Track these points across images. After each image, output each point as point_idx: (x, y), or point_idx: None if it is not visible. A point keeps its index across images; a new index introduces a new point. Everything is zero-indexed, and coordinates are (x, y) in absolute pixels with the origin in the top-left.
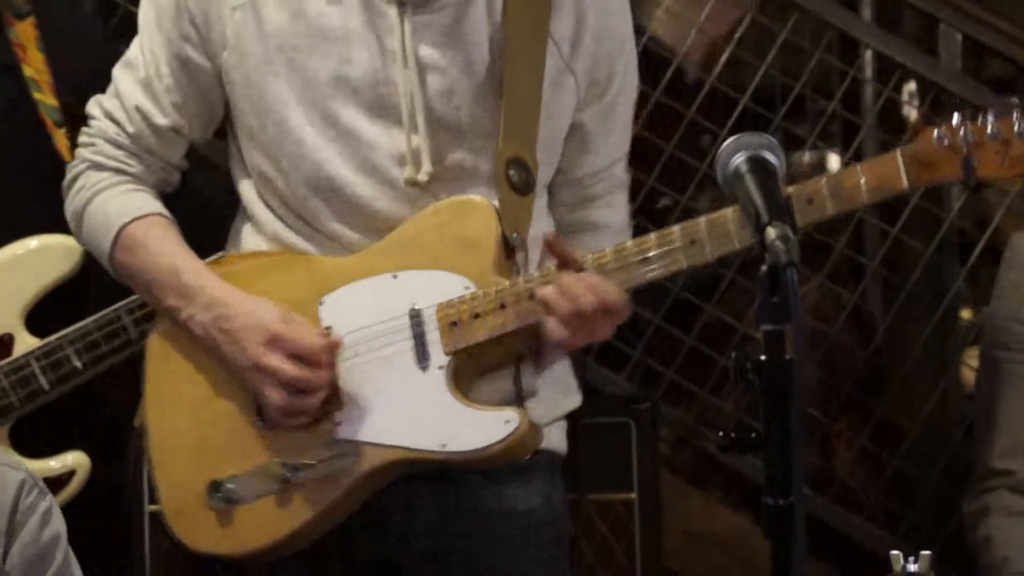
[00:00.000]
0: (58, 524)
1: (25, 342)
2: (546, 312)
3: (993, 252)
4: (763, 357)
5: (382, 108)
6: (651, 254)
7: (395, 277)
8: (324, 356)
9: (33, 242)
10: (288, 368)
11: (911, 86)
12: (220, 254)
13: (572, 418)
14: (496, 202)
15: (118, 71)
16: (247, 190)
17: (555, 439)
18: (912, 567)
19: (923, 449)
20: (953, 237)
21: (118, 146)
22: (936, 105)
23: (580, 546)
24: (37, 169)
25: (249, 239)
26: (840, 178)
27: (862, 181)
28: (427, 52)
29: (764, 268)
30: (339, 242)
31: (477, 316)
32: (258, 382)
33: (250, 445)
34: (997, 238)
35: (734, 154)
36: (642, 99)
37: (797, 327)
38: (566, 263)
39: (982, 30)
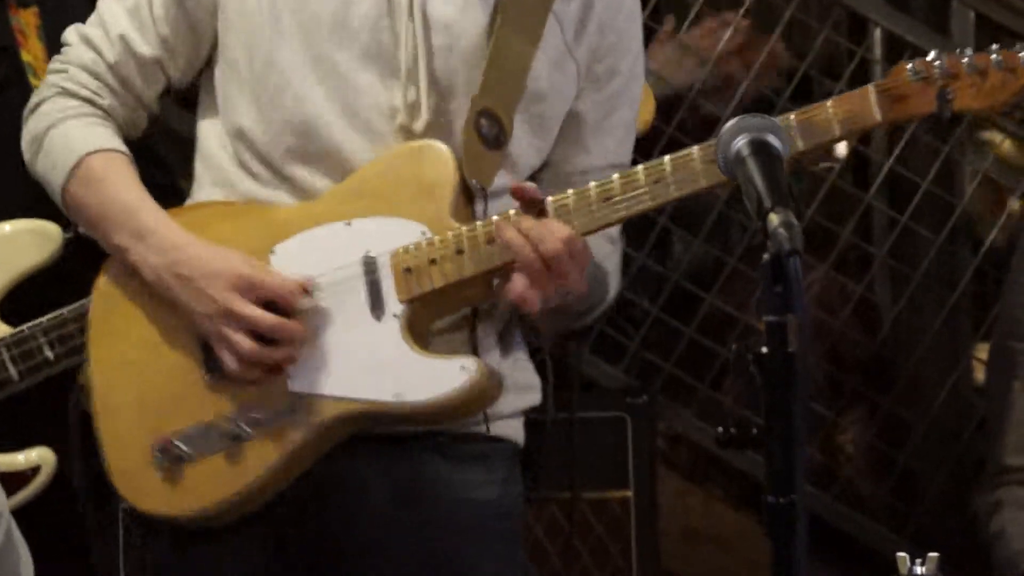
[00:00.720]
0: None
1: None
2: (506, 257)
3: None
4: (765, 349)
5: (379, 57)
6: (615, 195)
7: (349, 224)
8: (296, 300)
9: (7, 227)
10: (264, 316)
11: None
12: None
13: (565, 412)
14: (460, 150)
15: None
16: (209, 133)
17: (515, 429)
18: (919, 569)
19: (932, 445)
20: (964, 225)
21: (93, 75)
22: None
23: (575, 546)
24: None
25: (199, 190)
26: (810, 113)
27: (832, 114)
28: (436, 8)
29: (767, 256)
30: (303, 188)
31: (433, 262)
32: (222, 329)
33: (197, 399)
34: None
35: (735, 137)
36: None
37: (801, 318)
38: (530, 205)
39: (995, 8)
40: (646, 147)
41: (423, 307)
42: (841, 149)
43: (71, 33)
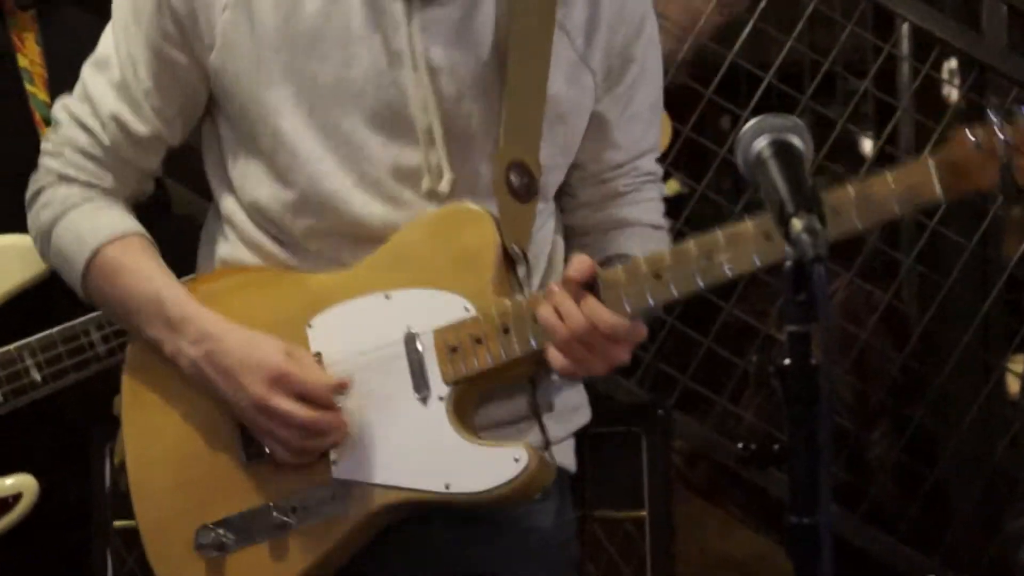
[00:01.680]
0: None
1: None
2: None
3: None
4: (787, 361)
5: (389, 117)
6: (663, 271)
7: (388, 297)
8: (331, 400)
9: None
10: (299, 411)
11: (952, 64)
12: (190, 277)
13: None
14: (495, 211)
15: (88, 72)
16: (228, 203)
17: (567, 456)
18: None
19: (963, 462)
20: (997, 230)
21: (89, 157)
22: (979, 85)
23: (586, 568)
24: (17, 162)
25: (227, 248)
26: (869, 186)
27: (892, 189)
28: (438, 52)
29: (789, 263)
30: (332, 261)
31: (478, 341)
32: (263, 423)
33: (238, 485)
34: None
35: (756, 137)
36: None
37: (825, 328)
38: (574, 281)
39: None
40: None
41: (470, 387)
42: (866, 150)
43: (59, 110)
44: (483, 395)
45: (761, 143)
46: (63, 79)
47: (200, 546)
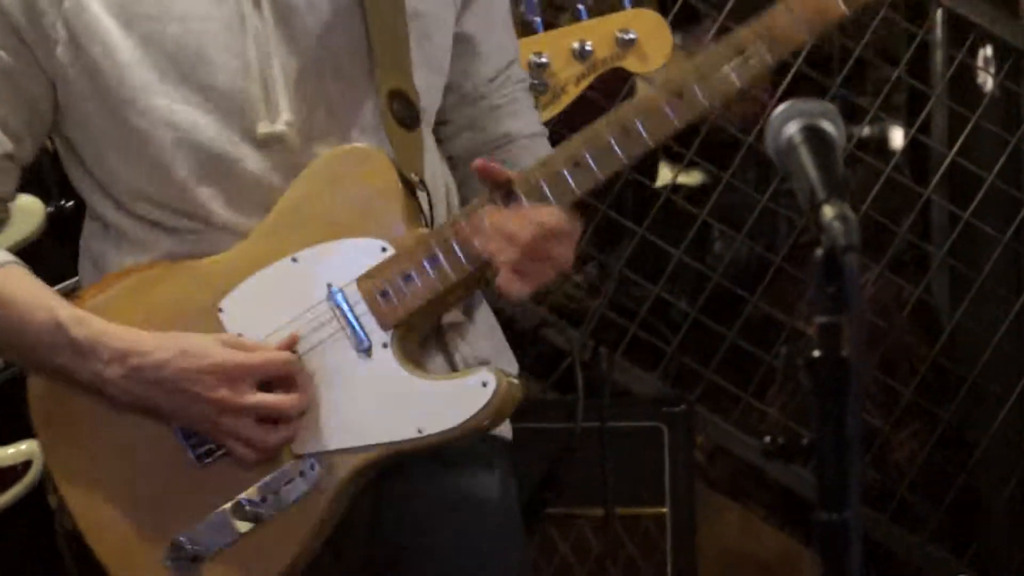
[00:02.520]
0: None
1: None
2: (486, 255)
3: None
4: (817, 353)
5: (243, 62)
6: (582, 156)
7: (295, 259)
8: (291, 368)
9: None
10: (266, 401)
11: (987, 51)
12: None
13: (598, 421)
14: (386, 142)
15: None
16: (103, 208)
17: (504, 424)
18: None
19: (995, 462)
20: None
21: None
22: (1015, 72)
23: (606, 566)
24: None
25: (114, 256)
26: (772, 18)
27: (794, 15)
28: None
29: (819, 252)
30: (233, 231)
31: (408, 278)
32: (227, 425)
33: (197, 490)
34: None
35: (787, 123)
36: None
37: (856, 319)
38: (497, 186)
39: None
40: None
41: (410, 328)
42: (897, 141)
43: None
44: (419, 332)
45: (792, 128)
46: None
47: (173, 562)
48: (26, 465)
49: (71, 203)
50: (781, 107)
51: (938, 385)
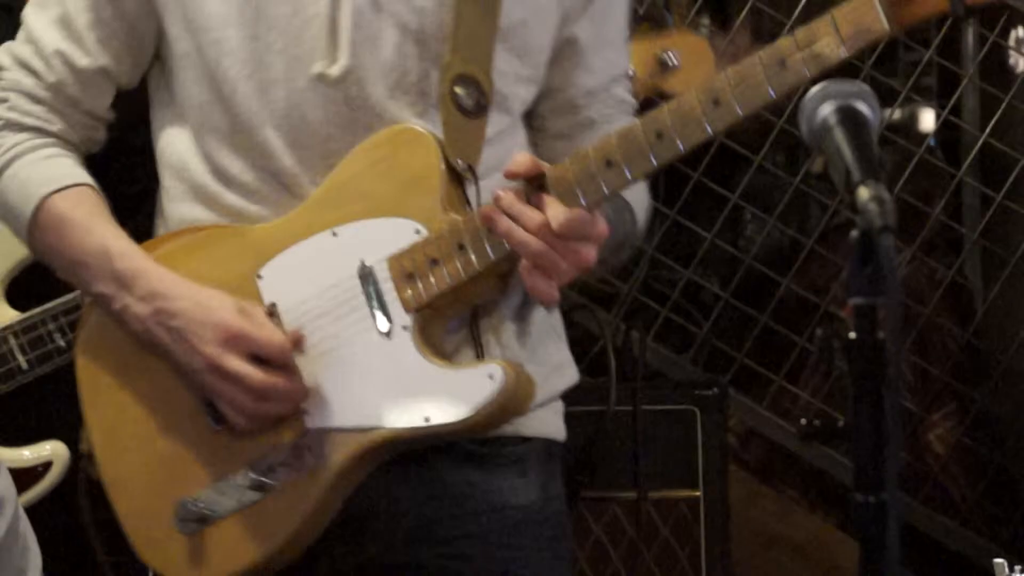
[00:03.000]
0: (3, 491)
1: (3, 315)
2: (512, 252)
3: None
4: (853, 335)
5: (319, 5)
6: (616, 157)
7: (335, 234)
8: (287, 357)
9: None
10: (252, 373)
11: (1020, 32)
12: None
13: (631, 404)
14: (438, 123)
15: (30, 11)
16: (178, 144)
17: (550, 424)
18: None
19: None
20: None
21: (36, 100)
22: None
23: (640, 550)
24: None
25: (179, 207)
26: (813, 31)
27: (838, 33)
28: None
29: (855, 233)
30: (289, 185)
31: (435, 263)
32: (213, 385)
33: (210, 453)
34: None
35: (821, 104)
36: None
37: (893, 301)
38: (529, 182)
39: None
40: None
41: (433, 313)
42: (928, 123)
43: (3, 55)
44: (446, 320)
45: (826, 109)
46: None
47: (181, 522)
48: (46, 466)
49: None
50: (815, 88)
51: (971, 367)
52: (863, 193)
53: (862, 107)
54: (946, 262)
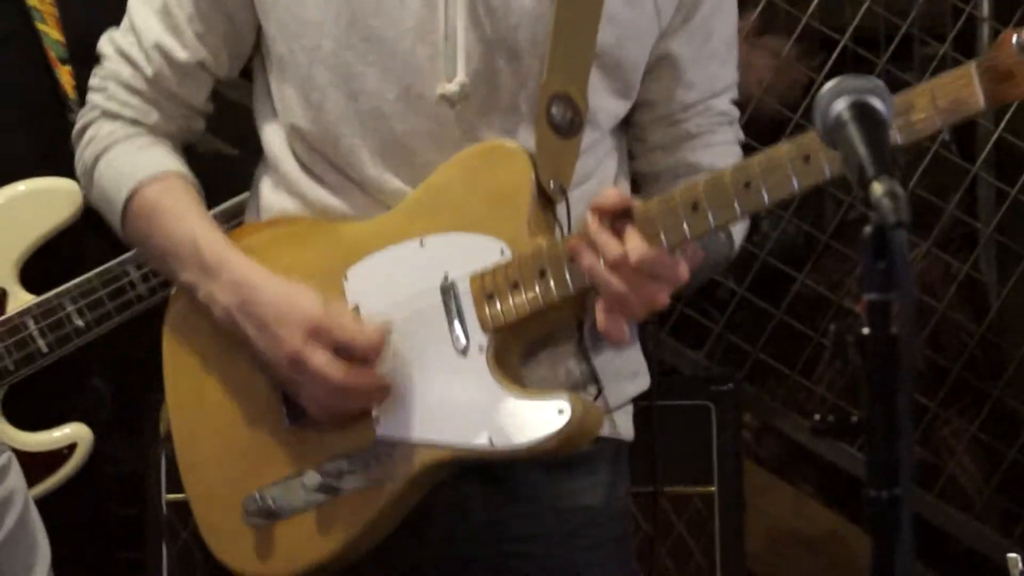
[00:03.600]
0: (13, 484)
1: (20, 299)
2: (591, 286)
3: None
4: (866, 331)
5: (417, 21)
6: (701, 202)
7: (422, 244)
8: (374, 352)
9: (22, 186)
10: (335, 368)
11: None
12: (235, 221)
13: (645, 400)
14: (532, 143)
15: (133, 2)
16: (272, 137)
17: (621, 425)
18: None
19: None
20: None
21: (133, 91)
22: None
23: (654, 545)
24: (34, 105)
25: (270, 195)
26: (910, 99)
27: (932, 104)
28: None
29: (869, 229)
30: (373, 192)
31: (515, 286)
32: (295, 378)
33: (282, 450)
34: None
35: (835, 99)
36: None
37: (907, 296)
38: (615, 217)
39: None
40: None
41: (511, 335)
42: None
43: (105, 44)
44: (526, 344)
45: (840, 105)
46: (75, 16)
47: (248, 514)
48: (71, 448)
49: None
50: (829, 84)
51: (986, 362)
52: (877, 188)
53: (876, 103)
54: (961, 257)
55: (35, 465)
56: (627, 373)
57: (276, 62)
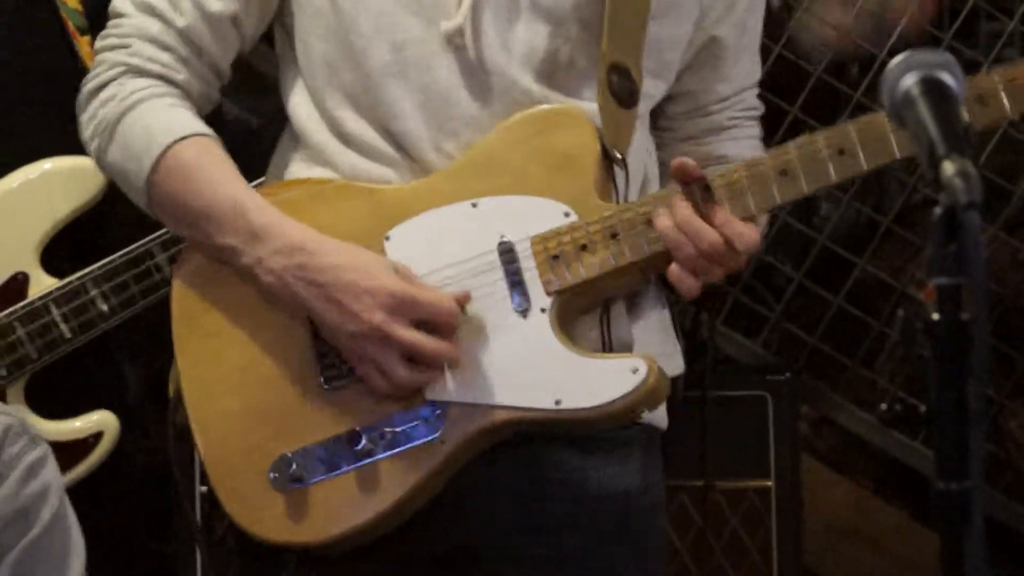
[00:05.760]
0: (49, 477)
1: (42, 283)
2: (666, 250)
3: None
4: (936, 316)
5: None
6: (794, 167)
7: (475, 205)
8: (454, 321)
9: (47, 164)
10: (425, 342)
11: None
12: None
13: (698, 390)
14: (595, 111)
15: None
16: (299, 107)
17: (655, 411)
18: None
19: None
20: None
21: (163, 47)
22: None
23: (708, 541)
24: (51, 78)
25: (299, 166)
26: (1015, 72)
27: (1000, 87)
28: None
29: (939, 210)
30: (406, 146)
31: (583, 248)
32: (372, 351)
33: (317, 412)
34: None
35: (904, 74)
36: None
37: (978, 281)
38: (694, 186)
39: None
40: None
41: (573, 299)
42: None
43: (122, 2)
44: (577, 312)
45: (909, 80)
46: None
47: (276, 478)
48: (97, 437)
49: None
50: (897, 58)
51: None
52: (948, 168)
53: (947, 78)
54: None
55: (60, 455)
56: (662, 351)
57: (313, 18)
